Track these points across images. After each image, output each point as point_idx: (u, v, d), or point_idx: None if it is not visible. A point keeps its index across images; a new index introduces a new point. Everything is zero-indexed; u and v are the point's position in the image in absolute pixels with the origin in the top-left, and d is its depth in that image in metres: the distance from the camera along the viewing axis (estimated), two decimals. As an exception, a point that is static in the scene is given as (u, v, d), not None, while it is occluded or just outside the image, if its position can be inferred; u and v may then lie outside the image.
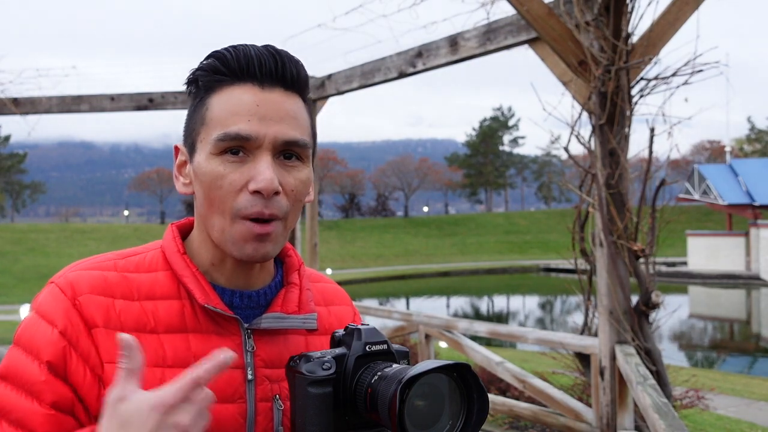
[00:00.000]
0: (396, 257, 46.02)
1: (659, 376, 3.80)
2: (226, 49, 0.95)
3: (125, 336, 0.77)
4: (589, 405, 4.36)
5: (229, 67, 0.93)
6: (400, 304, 26.30)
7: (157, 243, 1.03)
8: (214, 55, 0.95)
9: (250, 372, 0.95)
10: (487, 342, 9.40)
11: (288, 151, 0.94)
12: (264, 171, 0.90)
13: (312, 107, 0.99)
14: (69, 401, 0.87)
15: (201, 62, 0.96)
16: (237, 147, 0.91)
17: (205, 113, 0.94)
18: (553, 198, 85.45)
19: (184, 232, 1.04)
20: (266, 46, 0.95)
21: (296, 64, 0.96)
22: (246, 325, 0.97)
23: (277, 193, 0.91)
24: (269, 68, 0.93)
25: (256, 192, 0.90)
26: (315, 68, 6.74)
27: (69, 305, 0.91)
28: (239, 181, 0.91)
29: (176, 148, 1.00)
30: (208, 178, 0.92)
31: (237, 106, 0.92)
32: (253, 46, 0.95)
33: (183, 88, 1.01)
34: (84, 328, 0.90)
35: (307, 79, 0.98)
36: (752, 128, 71.13)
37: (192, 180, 0.97)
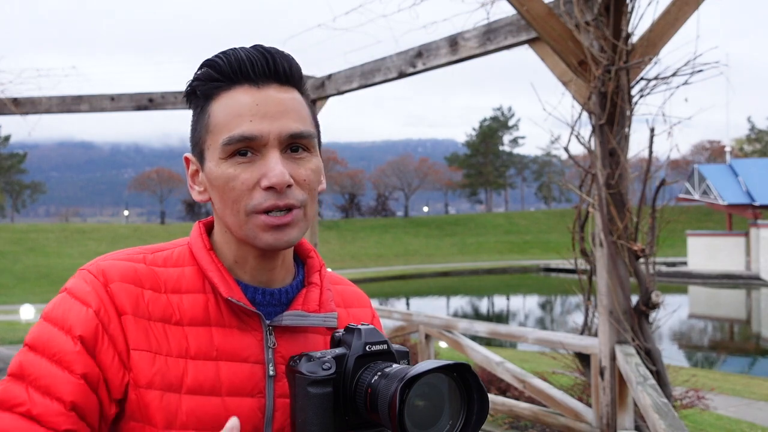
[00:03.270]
0: (396, 257, 46.01)
1: (659, 376, 3.80)
2: (216, 56, 0.97)
3: (234, 420, 0.87)
4: (589, 405, 4.36)
5: (223, 73, 0.95)
6: (400, 304, 26.29)
7: (185, 240, 1.05)
8: (207, 64, 0.96)
9: (271, 368, 0.97)
10: (487, 342, 9.40)
11: (294, 144, 0.96)
12: (275, 167, 0.92)
13: (310, 100, 1.05)
14: (96, 378, 0.89)
15: (195, 73, 0.98)
16: (244, 148, 0.93)
17: (208, 121, 0.96)
18: (553, 198, 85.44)
19: (210, 230, 1.06)
20: (255, 47, 0.97)
21: (287, 59, 0.97)
22: (267, 322, 0.99)
23: (289, 186, 0.93)
24: (261, 67, 0.95)
25: (269, 188, 0.92)
26: (315, 68, 6.74)
27: (102, 289, 0.93)
28: (251, 180, 0.93)
29: (186, 159, 1.02)
30: (221, 182, 0.94)
31: (237, 109, 0.93)
32: (242, 48, 0.97)
33: (183, 88, 1.02)
34: (115, 314, 0.92)
35: (301, 72, 1.00)
36: (752, 128, 71.12)
37: (206, 187, 0.99)
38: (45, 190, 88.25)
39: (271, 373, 0.97)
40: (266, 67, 0.95)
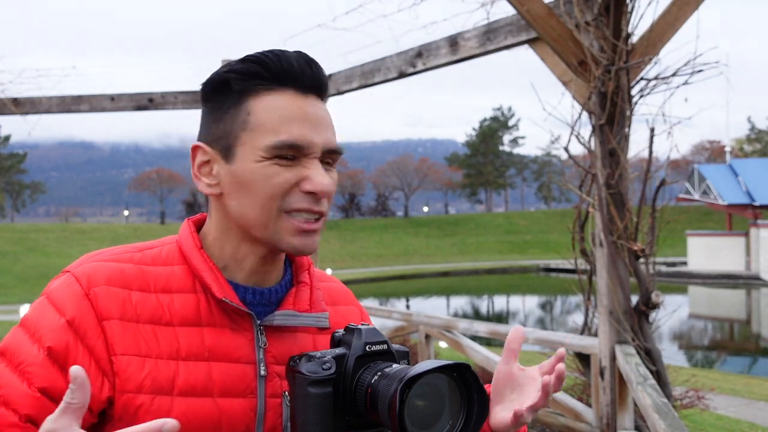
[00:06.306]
0: (396, 257, 46.00)
1: (659, 376, 3.80)
2: (265, 53, 0.95)
3: (75, 369, 0.75)
4: (589, 405, 4.36)
5: (272, 72, 0.94)
6: (400, 304, 26.30)
7: (173, 237, 1.03)
8: (253, 60, 0.95)
9: (262, 368, 0.96)
10: (487, 342, 9.38)
11: (329, 158, 0.97)
12: (320, 176, 0.93)
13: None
14: (59, 390, 0.86)
15: (235, 65, 0.96)
16: (291, 154, 0.93)
17: (246, 118, 0.94)
18: (553, 198, 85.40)
19: (199, 228, 1.04)
20: (300, 53, 0.97)
21: (324, 72, 0.99)
22: (258, 322, 0.98)
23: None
24: (309, 76, 0.96)
25: (310, 193, 0.93)
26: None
27: (82, 295, 0.91)
28: (291, 180, 0.93)
29: (196, 148, 0.98)
30: (258, 178, 0.93)
31: (286, 113, 0.93)
32: (289, 51, 0.96)
33: (184, 87, 1.02)
34: (94, 320, 0.90)
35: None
36: (752, 128, 71.12)
37: (222, 181, 0.96)
38: (45, 190, 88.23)
39: (262, 373, 0.96)
40: (312, 76, 0.96)
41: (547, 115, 4.02)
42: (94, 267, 0.94)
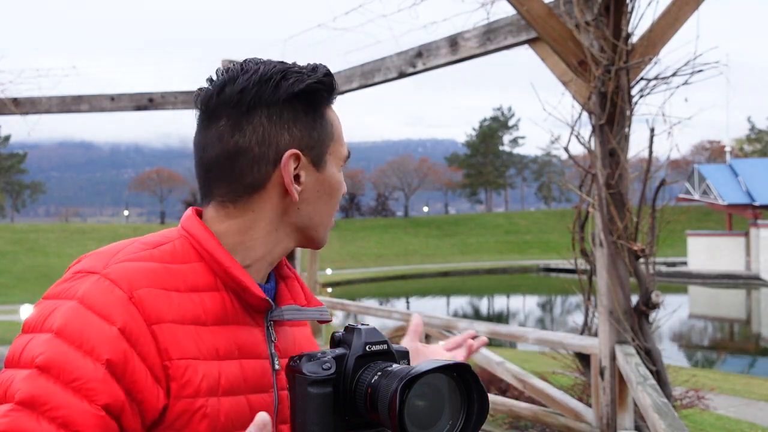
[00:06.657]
0: (396, 257, 46.03)
1: (659, 376, 3.80)
2: (327, 69, 1.00)
3: (264, 416, 0.77)
4: (589, 405, 4.36)
5: (336, 87, 1.03)
6: (400, 304, 26.30)
7: (175, 231, 0.99)
8: (328, 72, 0.99)
9: (276, 362, 0.98)
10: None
11: None
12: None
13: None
14: (120, 405, 0.82)
15: (317, 76, 0.97)
16: None
17: (331, 129, 1.01)
18: (553, 198, 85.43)
19: None
20: None
21: None
22: (269, 317, 0.99)
23: None
24: None
25: (342, 194, 1.06)
26: (315, 68, 6.72)
27: (126, 300, 0.84)
28: None
29: (292, 155, 0.96)
30: (340, 185, 1.04)
31: (341, 124, 1.04)
32: None
33: (184, 87, 1.02)
34: (143, 326, 0.84)
35: None
36: (752, 128, 71.15)
37: (306, 188, 0.98)
38: (45, 190, 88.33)
39: (276, 367, 0.97)
40: None
41: (547, 115, 4.02)
42: (127, 268, 0.87)
